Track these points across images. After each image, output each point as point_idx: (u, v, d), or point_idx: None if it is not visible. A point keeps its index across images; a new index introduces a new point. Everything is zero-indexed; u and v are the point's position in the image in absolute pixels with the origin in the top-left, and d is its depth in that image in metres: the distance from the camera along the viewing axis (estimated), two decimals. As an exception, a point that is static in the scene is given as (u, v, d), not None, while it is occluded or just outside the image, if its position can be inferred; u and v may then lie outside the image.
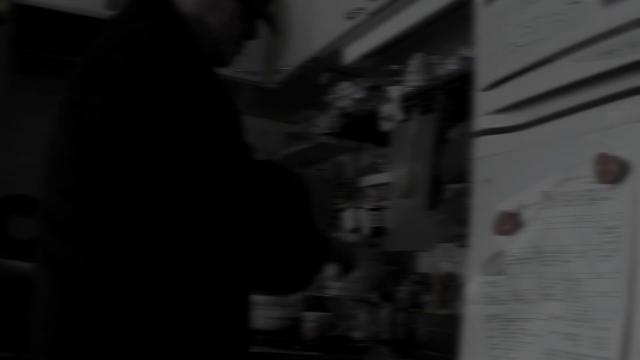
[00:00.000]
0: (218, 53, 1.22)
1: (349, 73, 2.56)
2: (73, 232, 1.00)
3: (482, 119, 1.14)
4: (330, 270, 2.43)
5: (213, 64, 1.16)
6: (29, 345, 1.05)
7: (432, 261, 2.28)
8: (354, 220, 2.48)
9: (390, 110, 2.13)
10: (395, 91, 2.13)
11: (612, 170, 0.86)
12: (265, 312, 2.31)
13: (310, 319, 2.46)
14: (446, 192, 1.90)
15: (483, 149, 1.13)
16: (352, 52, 2.39)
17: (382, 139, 2.23)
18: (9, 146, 2.88)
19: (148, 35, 1.01)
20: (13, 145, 2.89)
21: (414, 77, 2.11)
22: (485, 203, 1.09)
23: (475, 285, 1.08)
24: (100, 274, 0.98)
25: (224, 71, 1.19)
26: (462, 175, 1.45)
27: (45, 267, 1.04)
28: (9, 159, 2.86)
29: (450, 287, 2.12)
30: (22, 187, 2.82)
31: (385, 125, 2.17)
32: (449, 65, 2.00)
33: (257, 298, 1.16)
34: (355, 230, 2.46)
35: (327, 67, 2.59)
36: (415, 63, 2.13)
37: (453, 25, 1.93)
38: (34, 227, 1.12)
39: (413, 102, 2.06)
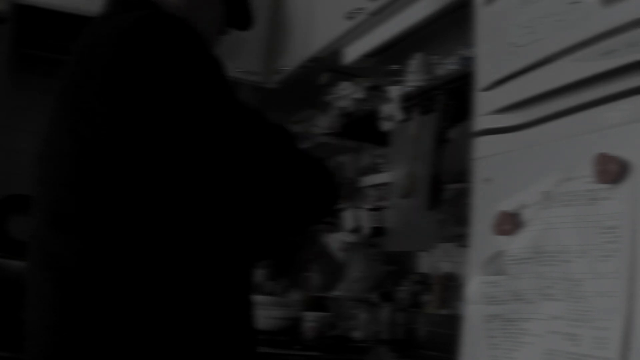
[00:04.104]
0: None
1: (349, 73, 2.56)
2: (74, 227, 0.99)
3: (482, 119, 1.14)
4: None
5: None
6: (22, 347, 1.05)
7: (432, 261, 2.28)
8: (354, 220, 2.48)
9: (390, 110, 2.13)
10: (395, 91, 2.13)
11: (612, 170, 0.86)
12: (265, 312, 2.31)
13: (310, 319, 2.46)
14: (446, 192, 1.90)
15: (483, 149, 1.13)
16: (352, 52, 2.39)
17: (382, 139, 2.23)
18: (9, 146, 2.87)
19: (139, 19, 1.01)
20: (13, 145, 2.89)
21: (414, 77, 2.11)
22: (485, 203, 1.09)
23: (475, 285, 1.08)
24: (101, 272, 0.97)
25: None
26: (462, 175, 1.45)
27: (42, 266, 1.03)
28: (9, 159, 2.85)
29: (450, 287, 2.12)
30: (22, 187, 2.80)
31: (385, 125, 2.17)
32: (449, 65, 2.00)
33: (257, 298, 1.17)
34: (355, 230, 2.46)
35: (327, 67, 2.58)
36: (415, 63, 2.13)
37: (453, 25, 1.93)
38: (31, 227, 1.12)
39: (413, 102, 2.06)
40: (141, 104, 0.97)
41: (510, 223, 1.02)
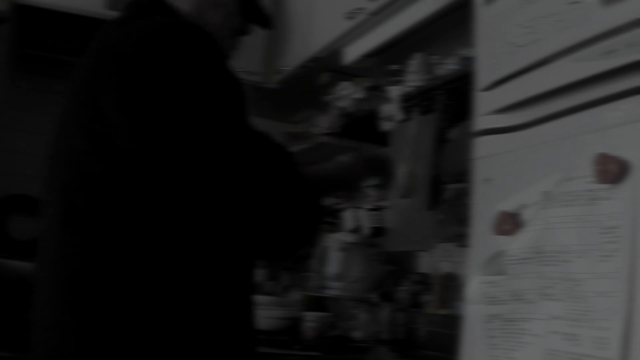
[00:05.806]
0: None
1: (349, 73, 2.56)
2: (82, 226, 1.00)
3: (482, 119, 1.14)
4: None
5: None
6: (29, 346, 1.05)
7: (432, 261, 2.28)
8: (354, 220, 2.48)
9: (390, 110, 2.13)
10: (395, 91, 2.13)
11: (612, 170, 0.86)
12: (265, 312, 2.31)
13: (310, 319, 2.46)
14: (446, 192, 1.90)
15: (483, 149, 1.13)
16: (352, 52, 2.39)
17: (382, 139, 2.23)
18: (9, 146, 2.87)
19: (162, 25, 1.02)
20: (13, 145, 2.89)
21: (414, 77, 2.11)
22: (485, 203, 1.09)
23: (475, 285, 1.08)
24: (108, 271, 0.98)
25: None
26: (462, 175, 1.45)
27: (50, 266, 1.03)
28: (9, 159, 2.85)
29: (450, 287, 2.12)
30: (22, 187, 2.82)
31: (385, 125, 2.17)
32: (449, 65, 2.00)
33: (257, 298, 1.17)
34: (355, 230, 2.46)
35: (327, 67, 2.58)
36: (415, 63, 2.13)
37: (453, 25, 1.93)
38: (34, 227, 1.12)
39: (413, 102, 2.06)
40: (153, 108, 0.98)
41: (510, 223, 1.02)
